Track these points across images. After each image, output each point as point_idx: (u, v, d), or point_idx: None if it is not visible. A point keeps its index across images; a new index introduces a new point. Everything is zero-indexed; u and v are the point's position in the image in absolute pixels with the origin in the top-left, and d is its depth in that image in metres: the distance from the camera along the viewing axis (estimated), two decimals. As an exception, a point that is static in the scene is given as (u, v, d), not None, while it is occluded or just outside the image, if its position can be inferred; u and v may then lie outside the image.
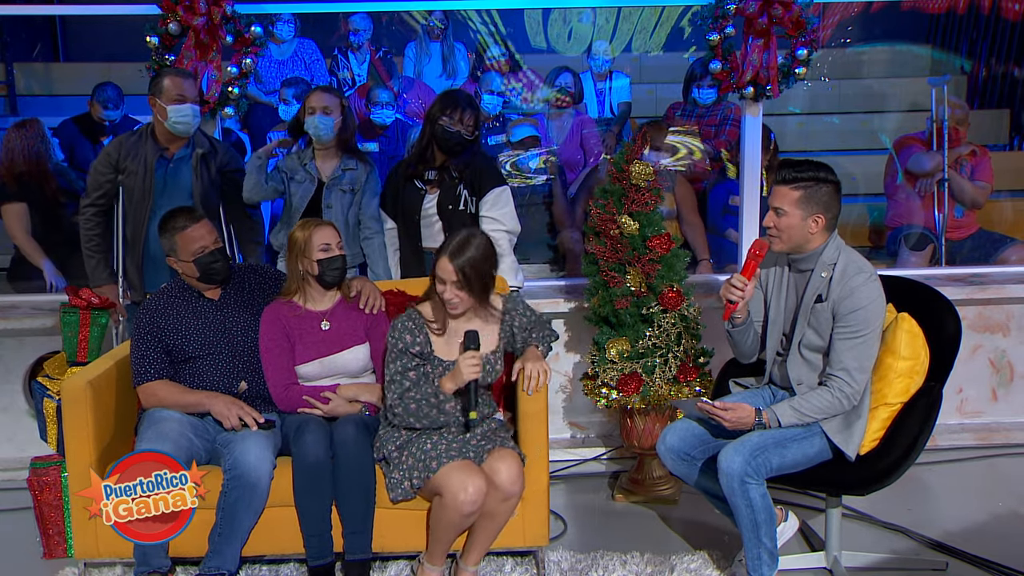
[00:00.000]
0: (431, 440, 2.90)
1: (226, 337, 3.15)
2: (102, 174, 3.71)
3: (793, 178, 2.76)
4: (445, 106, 3.59)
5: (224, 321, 3.16)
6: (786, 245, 2.82)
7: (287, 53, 5.55)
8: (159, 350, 3.09)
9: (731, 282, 2.84)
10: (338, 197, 3.67)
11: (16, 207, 4.56)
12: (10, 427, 4.10)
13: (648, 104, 6.17)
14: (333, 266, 3.13)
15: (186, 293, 3.18)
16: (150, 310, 3.14)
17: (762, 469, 2.71)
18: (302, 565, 3.03)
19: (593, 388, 3.56)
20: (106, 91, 5.05)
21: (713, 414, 2.78)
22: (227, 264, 3.19)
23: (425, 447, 2.88)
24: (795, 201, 2.76)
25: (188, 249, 3.11)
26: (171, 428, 2.95)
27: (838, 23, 6.55)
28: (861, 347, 2.73)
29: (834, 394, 2.73)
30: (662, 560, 3.09)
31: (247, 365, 3.15)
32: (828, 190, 2.77)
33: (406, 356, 2.93)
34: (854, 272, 2.76)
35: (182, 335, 3.11)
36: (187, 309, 3.15)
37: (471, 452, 2.88)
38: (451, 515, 2.79)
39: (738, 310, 2.86)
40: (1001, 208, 5.30)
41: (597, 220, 3.55)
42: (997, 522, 3.40)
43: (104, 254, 3.77)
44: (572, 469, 3.99)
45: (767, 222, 2.83)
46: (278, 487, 2.93)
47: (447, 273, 2.85)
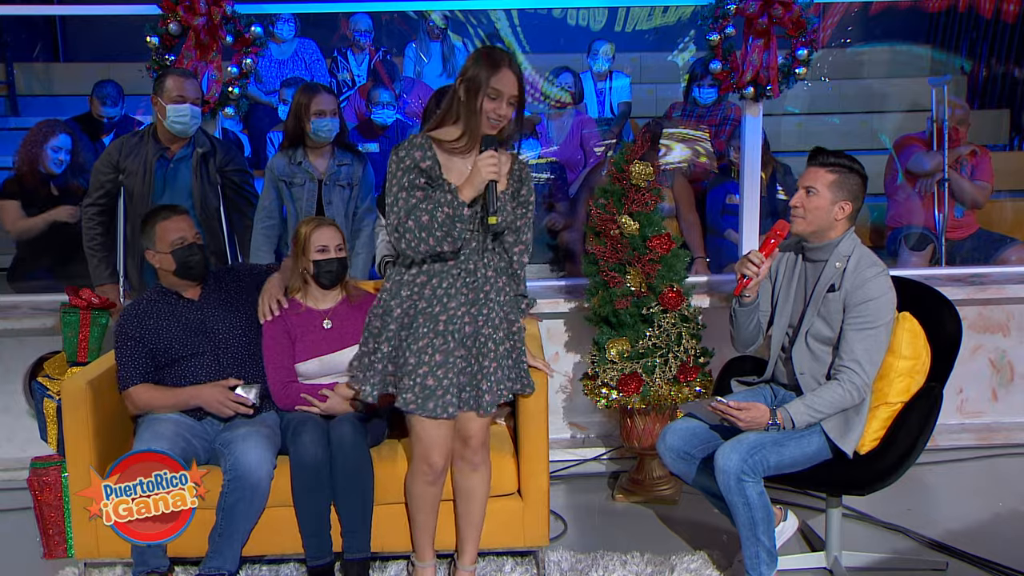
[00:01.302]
0: (431, 334, 2.66)
1: (208, 336, 3.13)
2: (103, 174, 3.72)
3: (831, 162, 2.81)
4: (439, 100, 3.62)
5: (205, 321, 3.15)
6: (809, 227, 2.83)
7: (287, 53, 5.56)
8: (142, 354, 3.07)
9: (748, 257, 2.87)
10: (338, 193, 3.68)
11: (10, 203, 4.55)
12: (10, 427, 4.10)
13: (648, 104, 6.18)
14: (328, 268, 3.14)
15: (165, 296, 3.17)
16: (130, 315, 3.13)
17: (759, 467, 2.71)
18: (302, 565, 3.03)
19: (593, 388, 3.56)
20: (105, 88, 5.06)
21: (727, 414, 2.77)
22: (204, 260, 3.17)
23: (418, 343, 2.66)
24: (828, 183, 2.79)
25: (166, 239, 3.11)
26: (167, 428, 2.95)
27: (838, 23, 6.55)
28: (872, 338, 2.74)
29: (844, 387, 2.73)
30: (662, 560, 3.09)
31: (232, 363, 3.13)
32: (858, 181, 2.82)
33: (414, 172, 2.64)
34: (868, 264, 2.78)
35: (165, 338, 3.10)
36: (167, 311, 3.14)
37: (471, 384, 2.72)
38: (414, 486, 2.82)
39: (749, 287, 2.88)
40: (1001, 208, 5.30)
41: (597, 220, 3.56)
42: (997, 522, 3.40)
43: (105, 254, 3.78)
44: (572, 469, 3.99)
45: (794, 201, 2.84)
46: (278, 487, 2.92)
47: (509, 85, 2.59)
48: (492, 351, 2.71)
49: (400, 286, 2.71)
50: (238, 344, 3.15)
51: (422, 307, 2.68)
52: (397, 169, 2.65)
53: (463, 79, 2.63)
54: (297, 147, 3.69)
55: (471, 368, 2.71)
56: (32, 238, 4.56)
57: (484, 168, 2.56)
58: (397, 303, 2.71)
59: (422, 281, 2.69)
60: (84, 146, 4.72)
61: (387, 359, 2.72)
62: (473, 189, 2.58)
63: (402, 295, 2.70)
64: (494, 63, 2.59)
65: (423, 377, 2.65)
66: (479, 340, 2.70)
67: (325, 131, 3.63)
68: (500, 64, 2.59)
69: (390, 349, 2.71)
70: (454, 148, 2.64)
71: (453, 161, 2.65)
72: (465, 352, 2.69)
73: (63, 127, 4.63)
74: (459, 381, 2.69)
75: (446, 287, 2.68)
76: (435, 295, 2.68)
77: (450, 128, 2.68)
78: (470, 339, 2.69)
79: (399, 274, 2.72)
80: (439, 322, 2.66)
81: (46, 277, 4.59)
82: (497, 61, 2.59)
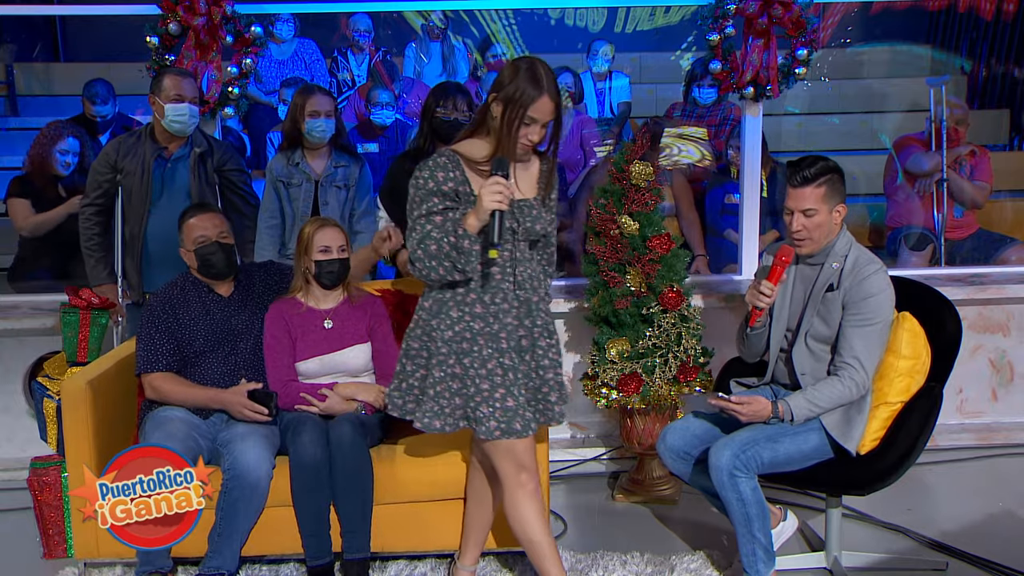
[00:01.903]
0: (487, 369, 2.49)
1: (231, 334, 3.16)
2: (101, 174, 3.72)
3: (814, 176, 2.75)
4: (437, 99, 3.63)
5: (231, 318, 3.18)
6: (817, 246, 2.80)
7: (287, 53, 5.56)
8: (167, 340, 3.10)
9: (760, 289, 2.83)
10: (334, 194, 3.69)
11: (20, 202, 4.56)
12: (10, 427, 4.10)
13: (648, 104, 6.18)
14: (328, 269, 3.14)
15: (197, 287, 3.21)
16: (162, 300, 3.17)
17: (752, 463, 2.71)
18: (302, 565, 3.03)
19: (593, 388, 3.56)
20: (94, 87, 5.05)
21: (728, 408, 2.76)
22: (227, 259, 3.19)
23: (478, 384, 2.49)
24: (821, 198, 2.75)
25: (190, 237, 3.16)
26: (178, 428, 2.94)
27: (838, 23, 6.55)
28: (872, 335, 2.74)
29: (844, 383, 2.74)
30: (662, 560, 3.09)
31: (248, 363, 3.15)
32: (839, 178, 2.81)
33: (434, 197, 2.47)
34: (866, 262, 2.78)
35: (190, 328, 3.13)
36: (197, 304, 3.17)
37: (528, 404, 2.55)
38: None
39: (762, 317, 2.87)
40: (1001, 208, 5.30)
41: (597, 220, 3.56)
42: (997, 522, 3.40)
43: (103, 254, 3.78)
44: (572, 469, 3.98)
45: (796, 227, 2.77)
46: (278, 487, 2.92)
47: (547, 113, 2.43)
48: (549, 360, 2.61)
49: (443, 305, 2.53)
50: (257, 343, 3.17)
51: (479, 328, 2.50)
52: (416, 193, 2.50)
53: (500, 95, 2.45)
54: (295, 148, 3.70)
55: (534, 382, 2.60)
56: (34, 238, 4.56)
57: (487, 198, 2.37)
58: (445, 325, 2.51)
59: (472, 299, 2.52)
60: (91, 148, 4.74)
61: (444, 387, 2.53)
62: (478, 219, 2.40)
63: (451, 316, 2.52)
64: (537, 86, 2.41)
65: (502, 399, 2.48)
66: (536, 352, 2.60)
67: (319, 132, 3.63)
68: (541, 89, 2.41)
69: (443, 374, 2.53)
70: (481, 169, 2.47)
71: (481, 179, 2.48)
72: (526, 367, 2.58)
73: (71, 130, 4.65)
74: (527, 396, 2.57)
75: (499, 302, 2.52)
76: (488, 311, 2.52)
77: (480, 142, 2.51)
78: (528, 352, 2.58)
79: (440, 292, 2.54)
80: (500, 339, 2.51)
81: (46, 277, 4.60)
82: (539, 83, 2.41)
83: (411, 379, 2.61)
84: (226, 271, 3.20)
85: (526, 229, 2.54)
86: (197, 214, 3.21)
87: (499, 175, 2.38)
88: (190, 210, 3.27)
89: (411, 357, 2.60)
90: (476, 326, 2.50)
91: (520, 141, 2.45)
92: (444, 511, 3.01)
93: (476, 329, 2.50)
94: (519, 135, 2.44)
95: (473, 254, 2.42)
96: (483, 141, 2.51)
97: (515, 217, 2.52)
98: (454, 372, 2.52)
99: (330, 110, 3.66)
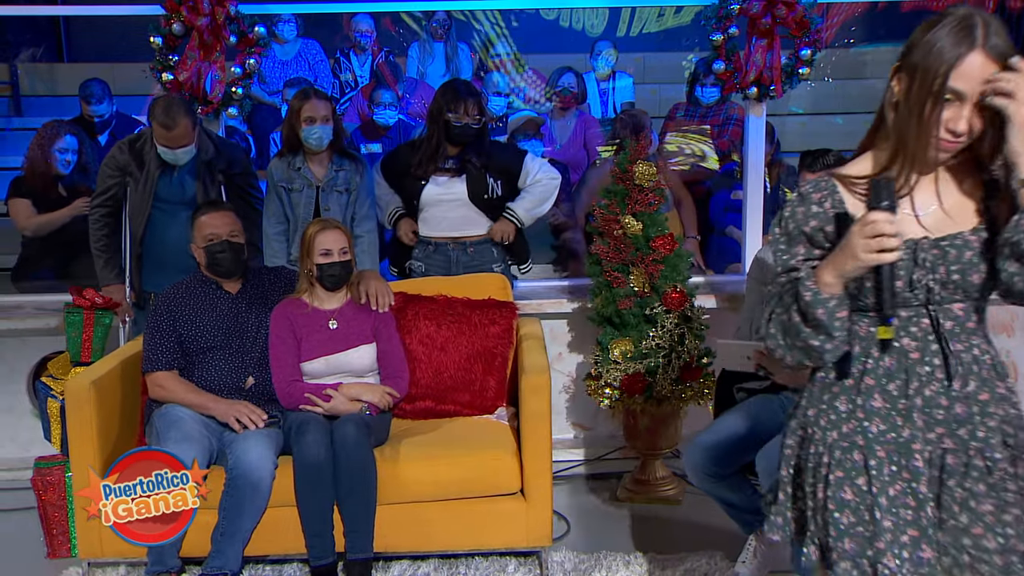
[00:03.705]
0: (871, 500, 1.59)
1: (238, 332, 3.17)
2: (110, 176, 3.72)
3: (832, 164, 2.77)
4: (447, 102, 3.60)
5: (238, 316, 3.19)
6: None
7: (291, 54, 5.56)
8: (173, 339, 3.12)
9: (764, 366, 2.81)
10: (335, 199, 3.67)
11: (22, 202, 4.56)
12: (14, 427, 4.11)
13: (651, 104, 6.16)
14: (330, 272, 3.15)
15: (205, 284, 3.22)
16: (168, 298, 3.18)
17: (730, 464, 2.74)
18: (306, 565, 3.03)
19: (596, 388, 3.56)
20: (89, 87, 5.02)
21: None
22: (236, 258, 3.20)
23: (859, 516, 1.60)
24: None
25: (201, 234, 3.18)
26: (192, 428, 2.96)
27: (842, 23, 6.55)
28: None
29: None
30: (665, 560, 3.09)
31: (256, 362, 3.16)
32: None
33: (795, 244, 1.64)
34: None
35: (196, 326, 3.14)
36: (204, 300, 3.19)
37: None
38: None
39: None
40: (1003, 208, 5.28)
41: (601, 220, 3.56)
42: (1001, 523, 3.39)
43: (112, 254, 3.78)
44: (575, 469, 3.98)
45: None
46: (281, 487, 2.93)
47: (975, 81, 1.47)
48: None
49: (826, 391, 1.67)
50: (265, 343, 3.17)
51: (876, 432, 1.62)
52: (776, 240, 1.67)
53: (903, 64, 1.55)
54: (296, 152, 3.69)
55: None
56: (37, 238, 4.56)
57: (860, 245, 1.49)
58: (827, 422, 1.65)
59: (868, 386, 1.63)
60: (89, 147, 4.73)
61: (813, 510, 1.66)
62: (838, 274, 1.54)
63: (839, 411, 1.65)
64: (965, 38, 1.47)
65: (913, 545, 1.58)
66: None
67: (315, 138, 3.60)
68: (973, 42, 1.47)
69: (818, 493, 1.65)
70: (858, 191, 1.61)
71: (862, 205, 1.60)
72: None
73: (68, 128, 4.64)
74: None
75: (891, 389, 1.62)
76: (886, 402, 1.63)
77: (876, 153, 1.63)
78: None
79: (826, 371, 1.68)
80: (902, 450, 1.62)
81: (50, 277, 4.60)
82: (970, 33, 1.47)
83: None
84: (234, 269, 3.21)
85: (943, 282, 1.58)
86: (209, 211, 3.23)
87: (880, 207, 1.49)
88: (203, 207, 3.29)
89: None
90: (874, 429, 1.63)
91: (938, 136, 1.52)
92: (448, 511, 3.01)
93: (873, 435, 1.63)
94: (934, 122, 1.51)
95: (826, 328, 1.55)
96: (880, 150, 1.62)
97: (923, 265, 1.58)
98: (813, 484, 1.68)
99: (327, 115, 3.61)
